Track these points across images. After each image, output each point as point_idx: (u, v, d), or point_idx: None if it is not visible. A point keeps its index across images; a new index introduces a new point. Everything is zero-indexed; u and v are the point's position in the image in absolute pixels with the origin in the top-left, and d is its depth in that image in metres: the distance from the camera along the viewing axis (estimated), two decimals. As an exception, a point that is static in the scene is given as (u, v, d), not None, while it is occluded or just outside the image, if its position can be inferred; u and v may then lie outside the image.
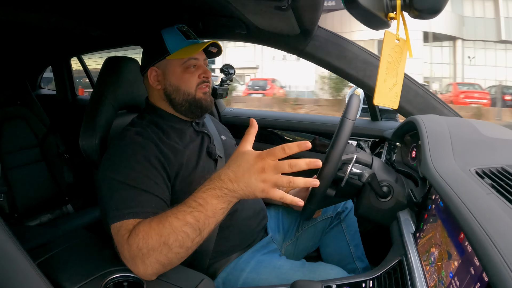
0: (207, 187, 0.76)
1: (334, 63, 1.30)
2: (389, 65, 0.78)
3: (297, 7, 0.93)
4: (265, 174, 0.72)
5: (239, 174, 0.74)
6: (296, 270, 1.01)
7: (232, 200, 0.76)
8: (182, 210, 0.76)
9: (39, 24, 1.46)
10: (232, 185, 0.74)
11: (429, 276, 0.70)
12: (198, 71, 1.05)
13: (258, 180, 0.72)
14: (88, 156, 1.07)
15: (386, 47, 0.77)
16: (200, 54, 1.06)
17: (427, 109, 1.27)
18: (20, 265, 0.65)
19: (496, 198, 0.61)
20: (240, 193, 0.74)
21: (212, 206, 0.74)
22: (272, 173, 0.72)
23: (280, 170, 0.72)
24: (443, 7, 0.72)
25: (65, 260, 0.89)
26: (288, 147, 0.71)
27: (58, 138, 2.16)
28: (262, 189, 0.72)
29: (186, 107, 1.05)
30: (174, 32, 1.04)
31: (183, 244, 0.75)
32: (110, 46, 2.05)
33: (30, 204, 1.93)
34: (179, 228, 0.74)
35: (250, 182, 0.73)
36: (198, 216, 0.74)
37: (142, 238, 0.75)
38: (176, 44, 1.03)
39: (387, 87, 0.79)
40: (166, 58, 1.03)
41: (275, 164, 0.72)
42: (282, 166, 0.72)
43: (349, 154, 1.04)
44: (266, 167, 0.72)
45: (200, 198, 0.75)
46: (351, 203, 1.33)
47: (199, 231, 0.75)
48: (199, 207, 0.75)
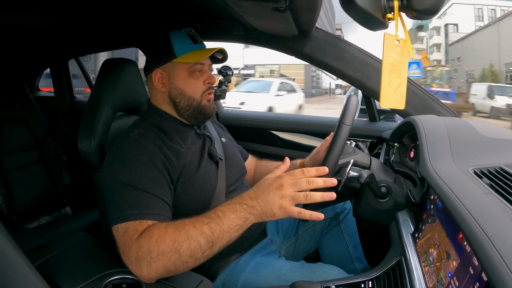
0: (229, 202, 0.81)
1: (332, 64, 1.30)
2: (391, 67, 0.78)
3: (295, 8, 0.93)
4: (283, 190, 0.77)
5: (258, 192, 0.79)
6: (295, 271, 1.01)
7: (249, 218, 0.79)
8: (201, 220, 0.79)
9: (38, 26, 1.46)
10: (251, 202, 0.79)
11: (428, 277, 0.70)
12: (203, 77, 1.05)
13: (276, 196, 0.77)
14: (87, 158, 1.07)
15: (386, 49, 0.77)
16: (206, 59, 1.06)
17: (425, 109, 1.28)
18: (19, 267, 0.64)
19: (495, 197, 0.61)
20: (258, 210, 0.78)
21: (228, 221, 0.78)
22: (290, 189, 0.77)
23: (298, 187, 0.77)
24: (441, 8, 0.72)
25: (64, 262, 0.89)
26: (308, 170, 0.80)
27: (56, 140, 2.15)
28: (280, 205, 0.77)
29: (190, 112, 1.05)
30: (182, 35, 1.04)
31: (193, 254, 0.76)
32: (108, 48, 2.05)
33: (28, 206, 1.93)
34: (194, 237, 0.76)
35: (268, 198, 0.78)
36: (214, 228, 0.77)
37: (155, 242, 0.76)
38: (184, 47, 1.02)
39: (392, 89, 0.79)
40: (173, 61, 1.02)
41: (293, 181, 0.78)
42: (300, 182, 0.78)
43: (347, 157, 1.04)
44: (284, 183, 0.78)
45: (220, 211, 0.79)
46: (350, 204, 1.34)
47: (211, 244, 0.77)
48: (217, 219, 0.78)
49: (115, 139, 0.98)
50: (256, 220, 0.80)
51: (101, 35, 1.71)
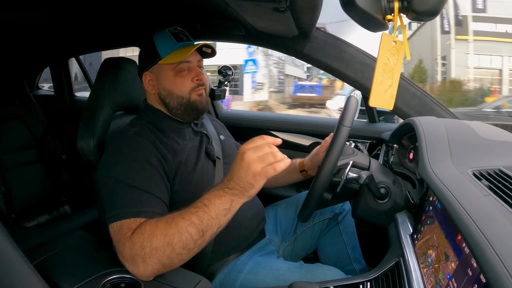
0: (213, 189, 0.80)
1: (332, 65, 1.30)
2: (385, 67, 0.79)
3: (295, 8, 0.93)
4: (247, 158, 0.75)
5: (232, 172, 0.78)
6: (293, 272, 1.01)
7: (233, 199, 0.78)
8: (189, 210, 0.78)
9: (38, 25, 1.46)
10: (230, 183, 0.78)
11: (426, 278, 0.70)
12: (191, 74, 1.04)
13: (244, 166, 0.75)
14: (86, 157, 1.07)
15: (382, 49, 0.77)
16: (193, 56, 1.05)
17: (425, 110, 1.28)
18: (17, 266, 0.64)
19: (493, 199, 0.61)
20: (238, 189, 0.77)
21: (215, 207, 0.77)
22: (254, 154, 0.75)
23: (260, 151, 0.75)
24: (441, 9, 0.72)
25: (63, 261, 0.89)
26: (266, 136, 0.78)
27: (56, 138, 2.15)
28: (253, 173, 0.74)
29: (181, 110, 1.05)
30: (165, 35, 1.03)
31: (186, 245, 0.76)
32: (108, 47, 2.05)
33: (27, 205, 1.93)
34: (184, 228, 0.76)
35: (240, 173, 0.76)
36: (202, 217, 0.77)
37: (147, 237, 0.76)
38: (167, 48, 1.02)
39: (382, 89, 0.80)
40: (158, 63, 1.03)
41: (253, 146, 0.76)
42: (262, 147, 0.76)
43: (346, 157, 1.04)
44: (245, 151, 0.75)
45: (206, 199, 0.79)
46: (348, 205, 1.34)
47: (202, 233, 0.77)
48: (203, 207, 0.78)
49: (112, 138, 0.99)
50: (242, 200, 0.79)
51: (101, 34, 1.71)
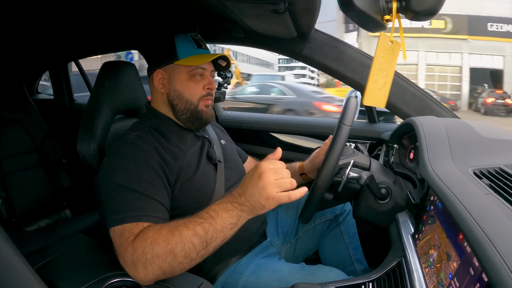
0: (221, 201, 0.79)
1: (331, 66, 1.31)
2: (381, 66, 0.79)
3: (294, 10, 0.93)
4: (265, 179, 0.74)
5: (244, 187, 0.77)
6: (295, 273, 1.00)
7: (241, 215, 0.78)
8: (194, 220, 0.78)
9: (37, 29, 1.46)
10: (240, 199, 0.77)
11: (428, 278, 0.70)
12: (203, 82, 1.05)
13: (259, 187, 0.75)
14: (86, 161, 1.07)
15: (380, 48, 0.78)
16: (208, 65, 1.06)
17: (425, 110, 1.28)
18: (18, 270, 0.64)
19: (495, 198, 0.61)
20: (248, 206, 0.77)
21: (221, 220, 0.77)
22: (272, 177, 0.75)
23: (279, 175, 0.76)
24: (440, 9, 0.72)
25: (64, 265, 0.89)
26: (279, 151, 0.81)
27: (56, 143, 2.15)
28: (267, 196, 0.74)
29: (187, 116, 1.05)
30: (187, 39, 1.04)
31: (188, 255, 0.76)
32: (108, 50, 2.05)
33: (28, 209, 1.92)
34: (187, 238, 0.75)
35: (253, 191, 0.75)
36: (208, 228, 0.76)
37: (150, 244, 0.75)
38: (187, 51, 1.02)
39: (376, 88, 0.81)
40: (174, 63, 1.03)
41: (273, 168, 0.76)
42: (282, 171, 0.76)
43: (347, 157, 1.04)
44: (265, 171, 0.75)
45: (212, 210, 0.78)
46: (349, 205, 1.33)
47: (205, 244, 0.76)
48: (210, 219, 0.77)
49: (113, 142, 0.99)
50: (250, 216, 0.79)
51: (100, 38, 1.71)
